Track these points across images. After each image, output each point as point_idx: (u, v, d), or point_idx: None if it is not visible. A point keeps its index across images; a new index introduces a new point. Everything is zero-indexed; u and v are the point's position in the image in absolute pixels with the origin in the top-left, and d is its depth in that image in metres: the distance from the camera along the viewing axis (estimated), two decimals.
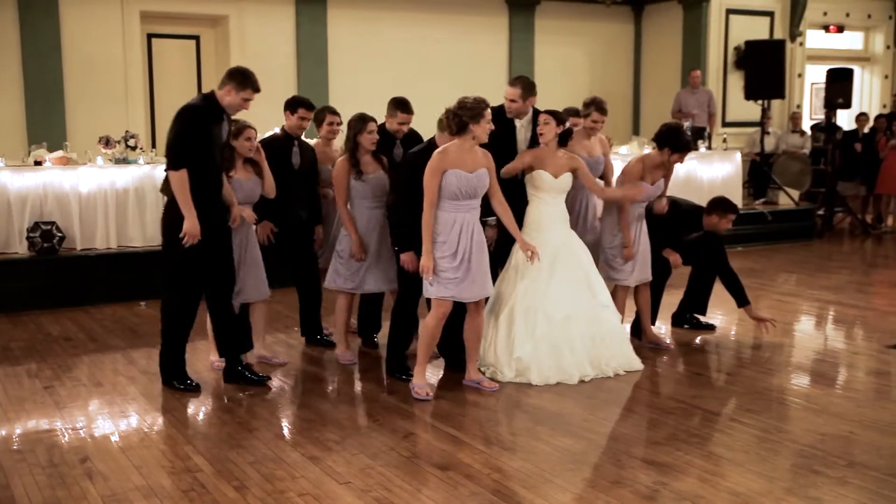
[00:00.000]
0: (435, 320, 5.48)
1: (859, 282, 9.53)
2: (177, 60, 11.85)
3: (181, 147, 5.36)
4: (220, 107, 5.48)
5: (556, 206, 6.02)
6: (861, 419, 5.10)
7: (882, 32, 15.65)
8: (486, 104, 5.36)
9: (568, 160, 6.02)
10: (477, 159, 5.40)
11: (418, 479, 4.29)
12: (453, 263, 5.34)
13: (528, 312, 5.82)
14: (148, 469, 4.44)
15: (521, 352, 5.78)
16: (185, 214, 5.34)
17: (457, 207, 5.36)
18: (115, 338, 7.16)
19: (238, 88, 5.44)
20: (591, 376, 5.81)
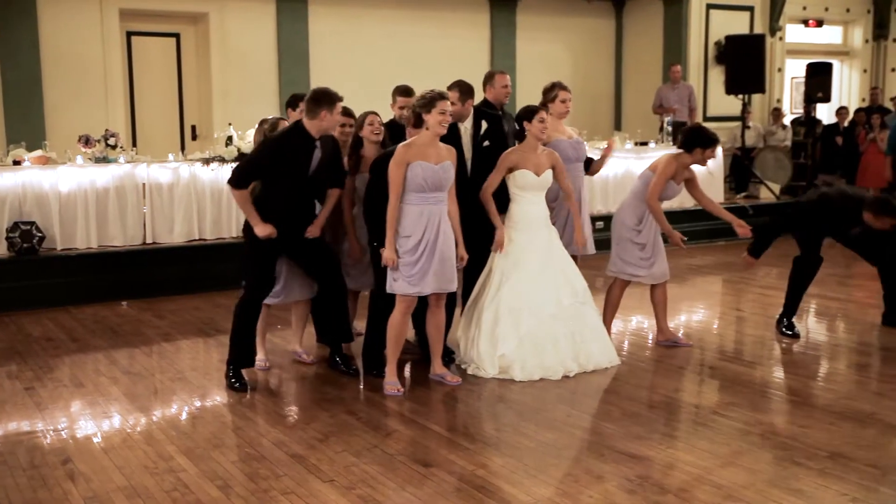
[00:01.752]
0: (399, 315, 5.51)
1: (840, 275, 9.58)
2: (157, 58, 11.78)
3: (248, 173, 5.54)
4: (310, 136, 5.51)
5: (539, 205, 6.03)
6: (842, 411, 5.13)
7: (860, 27, 15.75)
8: (439, 95, 5.41)
9: (548, 157, 6.03)
10: (441, 152, 5.45)
11: (402, 476, 4.28)
12: (413, 257, 5.37)
13: (514, 311, 5.83)
14: (130, 469, 4.41)
15: (506, 348, 5.79)
16: (252, 223, 5.56)
17: (424, 199, 5.38)
18: (97, 338, 7.11)
19: (330, 108, 5.50)
20: (574, 372, 5.82)
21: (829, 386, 5.74)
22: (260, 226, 5.52)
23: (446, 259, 5.46)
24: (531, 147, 5.97)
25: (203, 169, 9.07)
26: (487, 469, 4.35)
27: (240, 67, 11.88)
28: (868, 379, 5.92)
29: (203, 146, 10.73)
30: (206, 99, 11.91)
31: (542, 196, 6.04)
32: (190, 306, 8.15)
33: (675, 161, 6.41)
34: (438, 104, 5.37)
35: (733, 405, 5.26)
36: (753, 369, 6.06)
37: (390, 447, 4.66)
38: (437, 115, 5.37)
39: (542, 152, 6.00)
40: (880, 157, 12.42)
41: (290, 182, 5.56)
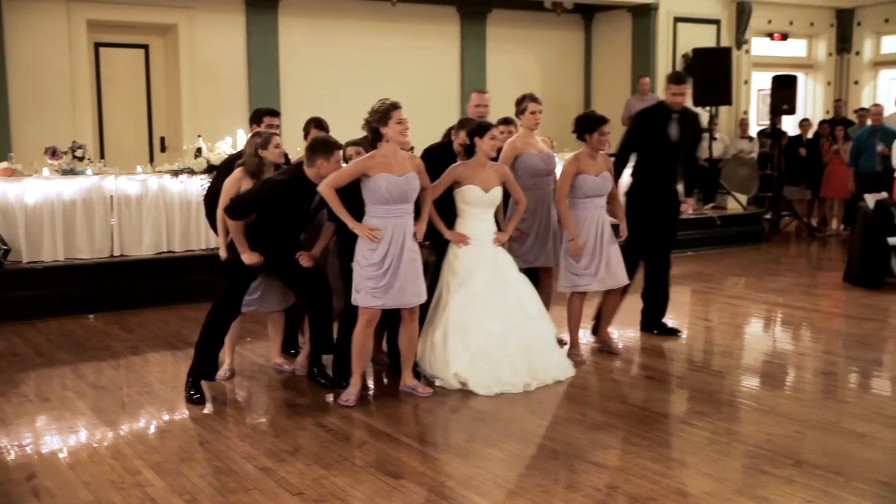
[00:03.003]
0: (361, 328, 5.50)
1: (806, 284, 9.72)
2: (125, 69, 11.69)
3: (247, 209, 5.59)
4: (310, 183, 5.54)
5: (487, 222, 5.99)
6: (807, 419, 5.20)
7: (824, 40, 15.99)
8: (392, 105, 5.38)
9: (496, 173, 5.98)
10: (405, 164, 5.43)
11: (372, 487, 4.28)
12: (379, 271, 5.36)
13: (464, 327, 5.79)
14: (97, 485, 4.37)
15: (458, 367, 5.75)
16: (240, 250, 5.61)
17: (388, 212, 5.38)
18: (63, 352, 7.03)
19: (327, 157, 5.50)
20: (533, 386, 5.79)
21: (795, 394, 5.81)
22: (247, 254, 5.57)
23: (411, 274, 5.44)
24: (479, 163, 5.91)
25: (172, 181, 9.01)
26: (457, 480, 4.35)
27: (209, 79, 11.83)
28: (833, 387, 6.00)
29: (172, 158, 10.65)
30: (175, 110, 11.84)
31: (490, 213, 6.01)
32: (158, 319, 8.09)
33: (575, 157, 6.40)
34: (394, 114, 5.34)
35: (701, 414, 5.31)
36: (721, 378, 6.12)
37: (360, 459, 4.65)
38: (396, 125, 5.34)
39: (490, 168, 5.95)
40: (843, 168, 12.60)
41: (285, 222, 5.64)
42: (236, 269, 5.67)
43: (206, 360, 5.71)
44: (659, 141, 6.83)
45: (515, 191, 6.11)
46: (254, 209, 5.61)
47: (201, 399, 5.63)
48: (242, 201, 5.60)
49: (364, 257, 5.40)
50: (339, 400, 5.51)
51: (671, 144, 6.88)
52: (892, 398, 5.67)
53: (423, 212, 5.67)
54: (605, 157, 6.49)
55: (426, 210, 5.69)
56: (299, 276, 5.79)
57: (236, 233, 5.60)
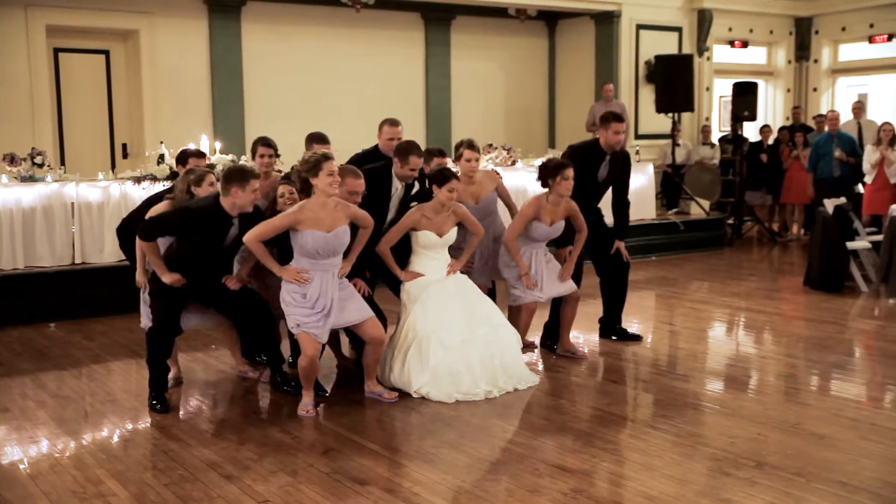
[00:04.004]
0: (307, 359, 5.37)
1: (767, 288, 9.84)
2: (86, 76, 11.56)
3: (157, 231, 5.55)
4: (226, 214, 5.49)
5: (440, 259, 6.05)
6: (768, 421, 5.26)
7: (783, 48, 16.24)
8: (323, 156, 5.28)
9: (451, 217, 6.01)
10: (336, 216, 5.35)
11: (338, 494, 4.26)
12: (315, 313, 5.33)
13: (422, 342, 5.79)
14: (58, 496, 4.31)
15: (419, 383, 5.74)
16: (158, 273, 5.55)
17: (314, 265, 5.36)
18: (24, 361, 6.93)
19: (242, 185, 5.42)
20: (494, 394, 5.77)
21: (757, 397, 5.88)
22: (166, 275, 5.52)
23: (341, 308, 5.43)
24: (435, 210, 5.94)
25: (134, 188, 8.93)
26: (423, 485, 4.35)
27: (171, 84, 11.73)
28: (794, 390, 6.08)
29: (134, 164, 10.54)
30: (136, 117, 11.73)
31: (444, 252, 6.07)
32: (121, 327, 8.00)
33: (536, 201, 6.42)
34: (325, 165, 5.24)
35: (665, 417, 5.36)
36: (685, 382, 6.18)
37: (326, 466, 4.63)
38: (326, 178, 5.24)
39: (446, 213, 5.98)
40: (803, 173, 12.78)
41: (201, 250, 5.57)
42: (163, 290, 5.59)
43: (156, 374, 5.69)
44: (586, 179, 6.75)
45: (472, 225, 6.16)
46: (165, 232, 5.57)
47: (164, 408, 5.58)
48: (154, 222, 5.56)
49: (294, 297, 5.33)
50: (298, 413, 5.47)
51: (597, 184, 6.90)
52: (852, 400, 5.76)
53: (354, 249, 5.60)
54: (567, 203, 6.47)
55: (357, 248, 5.62)
56: (228, 299, 5.73)
57: (151, 255, 5.54)
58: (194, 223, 5.49)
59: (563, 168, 6.33)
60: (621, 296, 7.25)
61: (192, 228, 5.50)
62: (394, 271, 6.03)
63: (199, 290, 5.69)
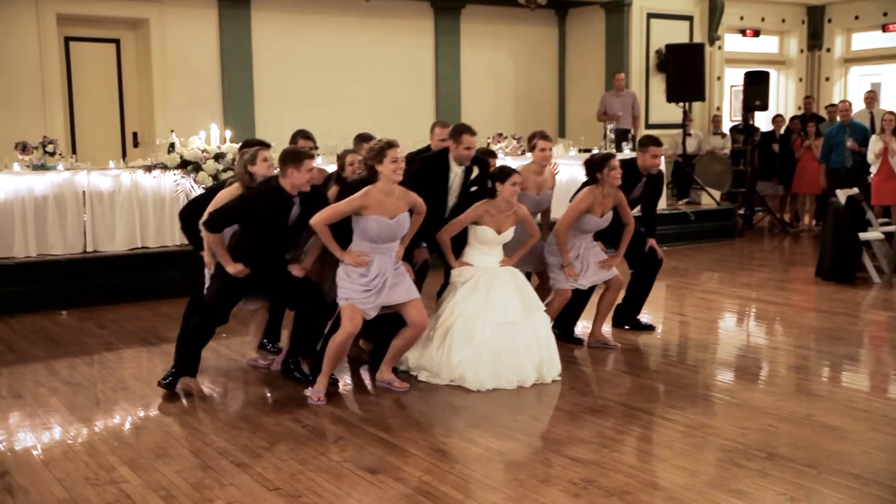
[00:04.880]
0: (345, 335, 5.44)
1: (778, 279, 9.81)
2: (96, 64, 11.57)
3: (223, 221, 5.57)
4: (287, 194, 5.53)
5: (493, 255, 6.10)
6: (780, 412, 5.25)
7: (795, 37, 16.15)
8: (388, 144, 5.36)
9: (513, 216, 6.07)
10: (399, 204, 5.44)
11: (349, 483, 4.28)
12: (369, 291, 5.40)
13: (469, 319, 5.84)
14: (71, 482, 4.33)
15: (460, 357, 5.79)
16: (224, 263, 5.56)
17: (375, 249, 5.43)
18: (36, 348, 6.97)
19: (297, 166, 5.47)
20: (532, 381, 5.82)
21: (768, 388, 5.87)
22: (231, 265, 5.55)
23: (394, 288, 5.49)
24: (499, 208, 5.99)
25: (145, 176, 8.95)
26: (433, 475, 4.36)
27: (182, 73, 11.74)
28: (805, 381, 6.07)
29: (145, 153, 10.56)
30: (147, 105, 11.74)
31: (498, 248, 6.12)
32: (132, 315, 8.03)
33: (590, 194, 6.46)
34: (389, 153, 5.33)
35: (675, 408, 5.35)
36: (696, 373, 6.17)
37: (337, 455, 4.64)
38: (390, 164, 5.33)
39: (509, 212, 6.03)
40: (815, 164, 12.72)
41: (266, 234, 5.60)
42: (225, 279, 5.63)
43: (190, 357, 5.71)
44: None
45: (531, 228, 6.26)
46: (231, 221, 5.59)
47: (172, 384, 5.63)
48: (219, 213, 5.58)
49: (351, 274, 5.41)
50: (309, 400, 5.49)
51: (631, 200, 6.92)
52: (863, 391, 5.75)
53: (407, 236, 5.66)
54: (616, 193, 6.54)
55: (410, 236, 5.68)
56: (289, 288, 5.76)
57: (216, 246, 5.56)
58: (257, 207, 5.52)
59: (609, 159, 6.46)
60: (646, 289, 7.30)
61: (256, 212, 5.53)
62: (448, 260, 6.09)
63: (262, 277, 5.69)
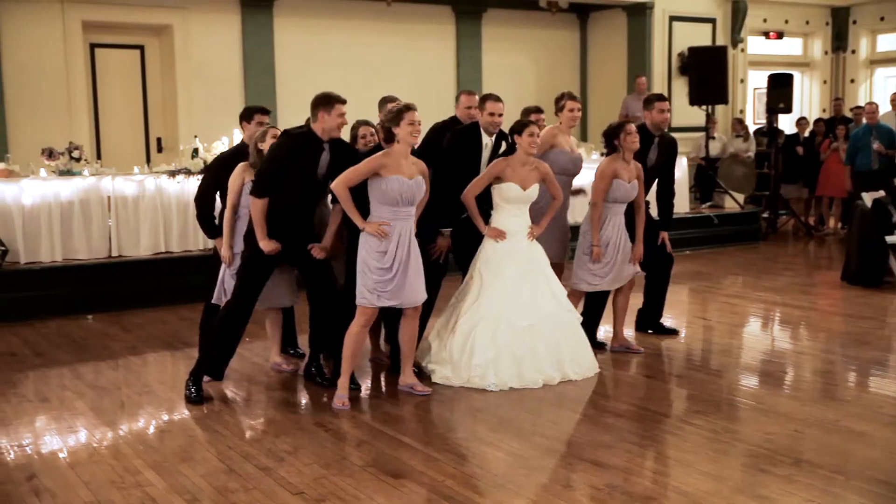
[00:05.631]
0: (358, 328, 5.51)
1: (803, 283, 9.73)
2: (121, 70, 11.67)
3: (269, 180, 5.56)
4: (317, 138, 5.57)
5: (521, 217, 6.06)
6: (807, 418, 5.20)
7: (820, 38, 16.03)
8: (406, 107, 5.44)
9: (536, 171, 6.04)
10: (412, 168, 5.48)
11: (372, 487, 4.28)
12: (387, 276, 5.39)
13: (492, 320, 5.84)
14: (97, 485, 4.36)
15: (482, 358, 5.79)
16: (259, 237, 5.56)
17: (395, 214, 5.41)
18: (62, 352, 7.03)
19: (327, 109, 5.53)
20: (557, 380, 5.84)
21: (794, 393, 5.82)
22: (265, 241, 5.55)
23: (416, 272, 5.49)
24: (520, 161, 5.98)
25: (169, 181, 9.01)
26: (457, 479, 4.35)
27: (205, 79, 11.81)
28: (832, 386, 6.01)
29: (169, 158, 10.64)
30: (171, 111, 11.83)
31: (525, 209, 6.07)
32: (156, 319, 8.08)
33: (612, 161, 6.45)
34: (406, 115, 5.40)
35: (700, 413, 5.32)
36: (720, 377, 6.13)
37: (359, 458, 4.65)
38: (407, 127, 5.39)
39: (531, 166, 6.01)
40: (840, 166, 12.61)
41: (299, 184, 5.59)
42: (252, 266, 5.64)
43: (216, 359, 5.73)
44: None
45: (553, 187, 6.18)
46: (275, 176, 5.56)
47: (200, 398, 5.62)
48: (263, 174, 5.59)
49: (374, 259, 5.40)
50: (333, 406, 5.50)
51: (647, 170, 6.84)
52: (891, 397, 5.68)
53: (420, 204, 5.67)
54: (636, 165, 6.53)
55: (420, 208, 5.68)
56: (310, 267, 5.78)
57: (259, 216, 5.55)
58: (294, 149, 5.55)
59: (624, 124, 6.49)
60: (663, 290, 7.23)
61: (290, 155, 5.54)
62: (477, 223, 6.05)
63: (293, 253, 5.69)
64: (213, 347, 5.74)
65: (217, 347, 5.74)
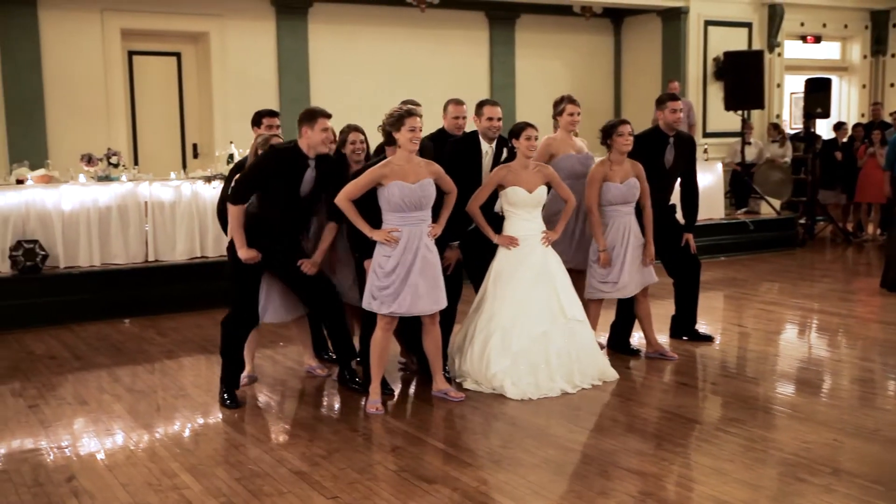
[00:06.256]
0: (380, 332, 5.49)
1: (841, 290, 9.60)
2: (158, 77, 11.82)
3: (244, 187, 5.58)
4: (303, 155, 5.56)
5: (532, 222, 6.02)
6: (845, 427, 5.13)
7: (859, 42, 15.83)
8: (407, 112, 5.39)
9: (539, 173, 6.01)
10: (419, 170, 5.43)
11: (405, 492, 4.29)
12: (388, 279, 5.37)
13: (506, 328, 5.82)
14: (134, 487, 4.42)
15: (498, 367, 5.78)
16: (237, 245, 5.58)
17: (403, 220, 5.39)
18: (100, 355, 7.12)
19: (311, 125, 5.51)
20: (568, 390, 5.80)
21: (833, 402, 5.74)
22: (243, 249, 5.56)
23: (427, 280, 5.42)
24: (521, 164, 5.95)
25: (205, 187, 9.10)
26: (490, 485, 4.35)
27: (240, 85, 11.92)
28: (871, 395, 5.92)
29: (204, 164, 10.76)
30: (206, 117, 11.95)
31: (536, 213, 6.04)
32: (192, 324, 8.16)
33: (600, 164, 6.40)
34: (407, 121, 5.36)
35: (736, 421, 5.27)
36: (756, 385, 6.06)
37: (393, 463, 4.66)
38: (407, 133, 5.35)
39: (533, 169, 5.98)
40: (879, 172, 12.43)
41: (282, 199, 5.58)
42: (239, 272, 5.65)
43: (229, 368, 5.76)
44: (654, 167, 6.67)
45: (562, 189, 6.14)
46: (255, 185, 5.57)
47: (234, 404, 5.67)
48: (241, 180, 5.61)
49: (380, 265, 5.40)
50: (367, 411, 5.52)
51: (665, 172, 6.79)
52: None
53: (442, 214, 5.64)
54: (633, 164, 6.46)
55: (445, 213, 5.66)
56: (304, 284, 5.78)
57: (235, 223, 5.56)
58: (277, 163, 5.53)
59: (619, 125, 6.43)
60: (694, 295, 7.13)
61: (276, 170, 5.53)
62: (486, 232, 6.00)
63: (276, 262, 5.71)
64: (224, 358, 5.77)
65: (225, 357, 5.76)
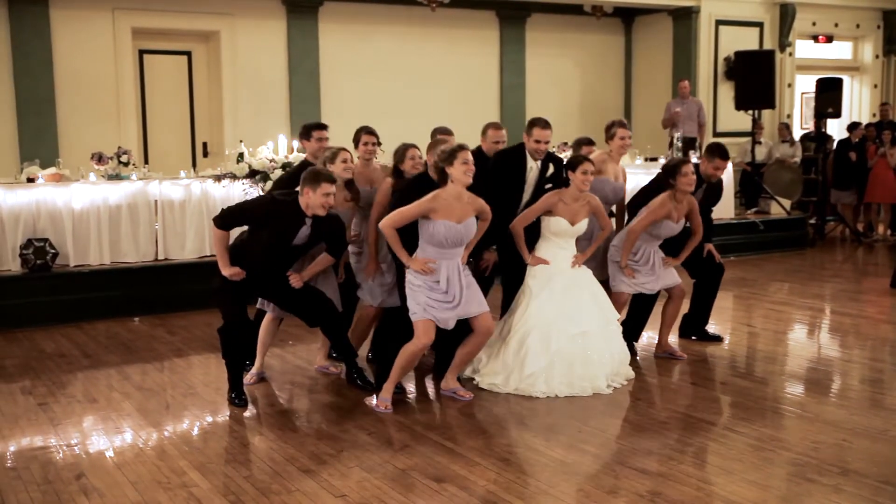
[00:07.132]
0: (418, 345, 5.43)
1: (851, 290, 9.57)
2: (169, 76, 11.86)
3: (233, 219, 5.60)
4: (301, 212, 5.55)
5: (567, 249, 6.09)
6: (854, 427, 5.11)
7: (871, 42, 15.76)
8: (459, 147, 5.41)
9: (587, 206, 6.07)
10: (465, 208, 5.44)
11: (414, 491, 4.29)
12: (446, 296, 5.41)
13: (544, 329, 5.85)
14: (143, 485, 4.43)
15: (536, 366, 5.78)
16: (220, 264, 5.57)
17: (441, 254, 5.44)
18: (110, 354, 7.14)
19: (313, 187, 5.47)
20: (605, 390, 5.81)
21: (842, 402, 5.72)
22: (227, 268, 5.55)
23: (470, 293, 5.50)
24: (572, 196, 6.00)
25: (214, 185, 9.12)
26: (499, 485, 4.35)
27: (251, 84, 11.96)
28: (880, 395, 5.90)
29: (214, 163, 10.79)
30: (217, 116, 11.99)
31: (571, 242, 6.12)
32: (201, 322, 8.18)
33: (667, 201, 6.36)
34: (460, 155, 5.37)
35: (745, 421, 5.25)
36: (765, 385, 6.05)
37: (402, 462, 4.66)
38: (461, 166, 5.36)
39: (582, 202, 6.03)
40: (889, 172, 12.40)
41: (271, 245, 5.58)
42: (227, 286, 5.63)
43: (232, 372, 5.76)
44: None
45: (603, 219, 6.25)
46: (240, 222, 5.62)
47: (243, 403, 5.68)
48: (234, 212, 5.63)
49: (425, 282, 5.40)
50: (376, 408, 5.53)
51: None
52: None
53: (472, 242, 5.65)
54: (690, 199, 6.47)
55: (474, 242, 5.67)
56: (294, 301, 5.80)
57: (219, 244, 5.58)
58: (271, 214, 5.53)
59: (682, 165, 6.38)
60: (711, 298, 7.18)
61: (268, 219, 5.54)
62: (521, 252, 6.10)
63: (262, 285, 5.74)
64: (226, 360, 5.76)
65: (227, 363, 5.76)
